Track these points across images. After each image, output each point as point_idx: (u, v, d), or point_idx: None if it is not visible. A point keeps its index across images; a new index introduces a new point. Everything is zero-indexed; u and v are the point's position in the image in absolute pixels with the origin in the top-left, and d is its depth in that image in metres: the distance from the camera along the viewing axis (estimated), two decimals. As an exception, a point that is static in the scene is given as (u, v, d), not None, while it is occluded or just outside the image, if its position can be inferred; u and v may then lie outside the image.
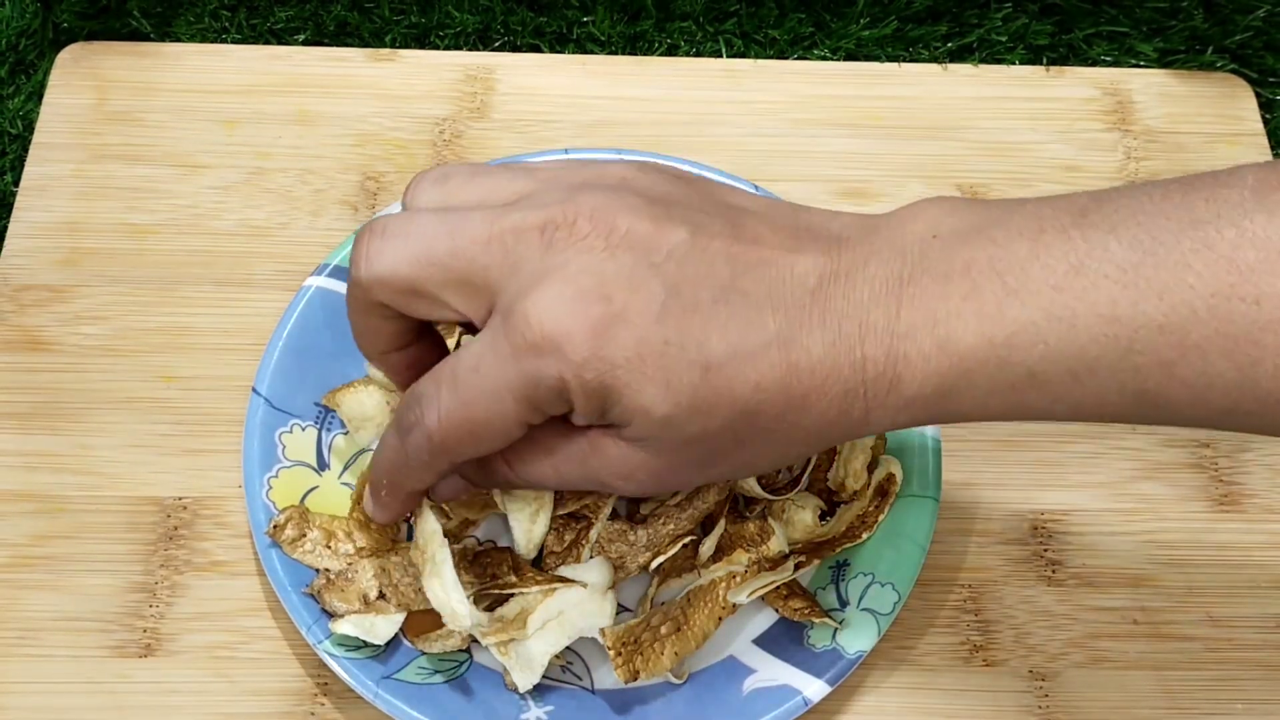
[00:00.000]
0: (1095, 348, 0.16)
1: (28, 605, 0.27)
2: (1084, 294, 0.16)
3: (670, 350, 0.18)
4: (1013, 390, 0.17)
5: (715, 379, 0.18)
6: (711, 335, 0.18)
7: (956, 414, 0.19)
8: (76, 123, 0.33)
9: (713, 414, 0.18)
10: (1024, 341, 0.17)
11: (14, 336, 0.30)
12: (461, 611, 0.23)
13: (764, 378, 0.18)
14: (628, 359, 0.18)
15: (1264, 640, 0.27)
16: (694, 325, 0.18)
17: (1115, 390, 0.17)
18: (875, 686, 0.26)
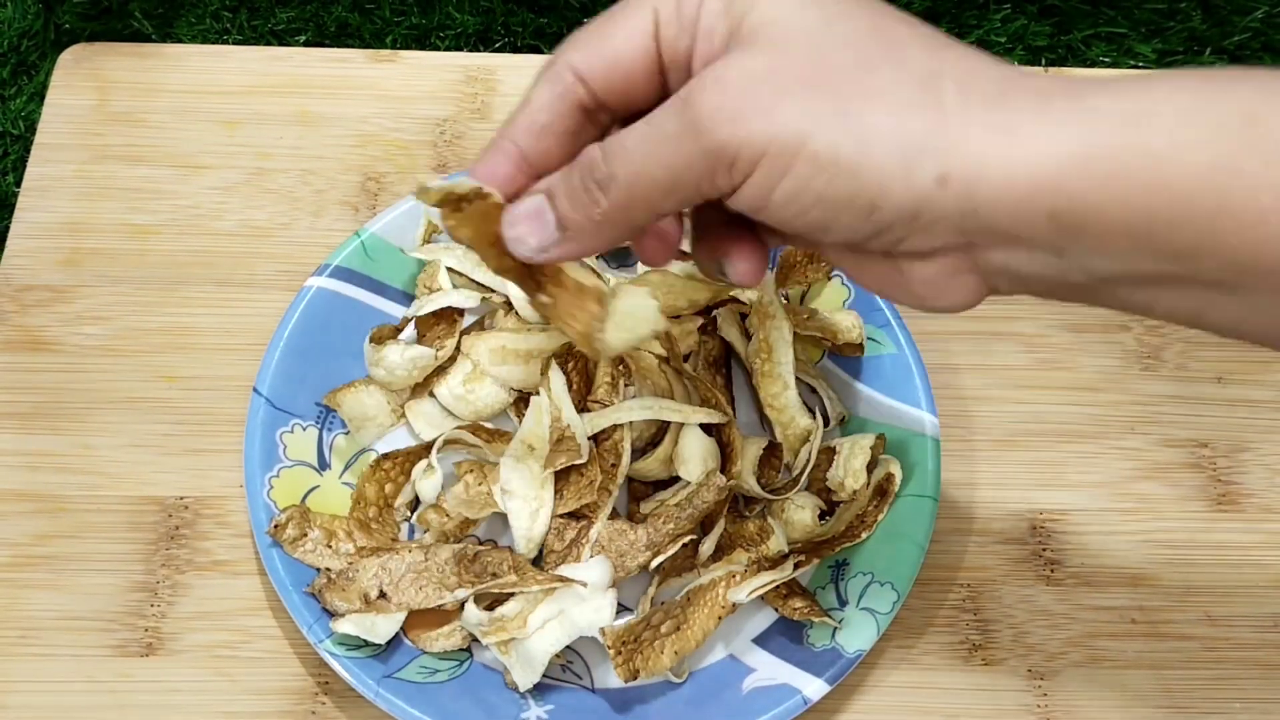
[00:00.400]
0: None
1: (30, 604, 0.27)
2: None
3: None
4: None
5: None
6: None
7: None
8: (78, 123, 0.33)
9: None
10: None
11: (16, 336, 0.30)
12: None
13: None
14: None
15: (1262, 639, 0.28)
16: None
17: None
18: (875, 685, 0.27)
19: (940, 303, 0.18)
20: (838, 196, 0.17)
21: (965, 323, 0.31)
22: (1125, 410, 0.30)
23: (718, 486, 0.26)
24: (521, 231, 0.19)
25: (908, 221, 0.17)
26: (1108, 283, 0.17)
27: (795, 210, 0.17)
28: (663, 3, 0.18)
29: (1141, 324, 0.32)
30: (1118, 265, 0.17)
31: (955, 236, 0.17)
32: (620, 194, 0.18)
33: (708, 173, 0.17)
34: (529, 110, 0.19)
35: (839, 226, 0.17)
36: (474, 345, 0.28)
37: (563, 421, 0.26)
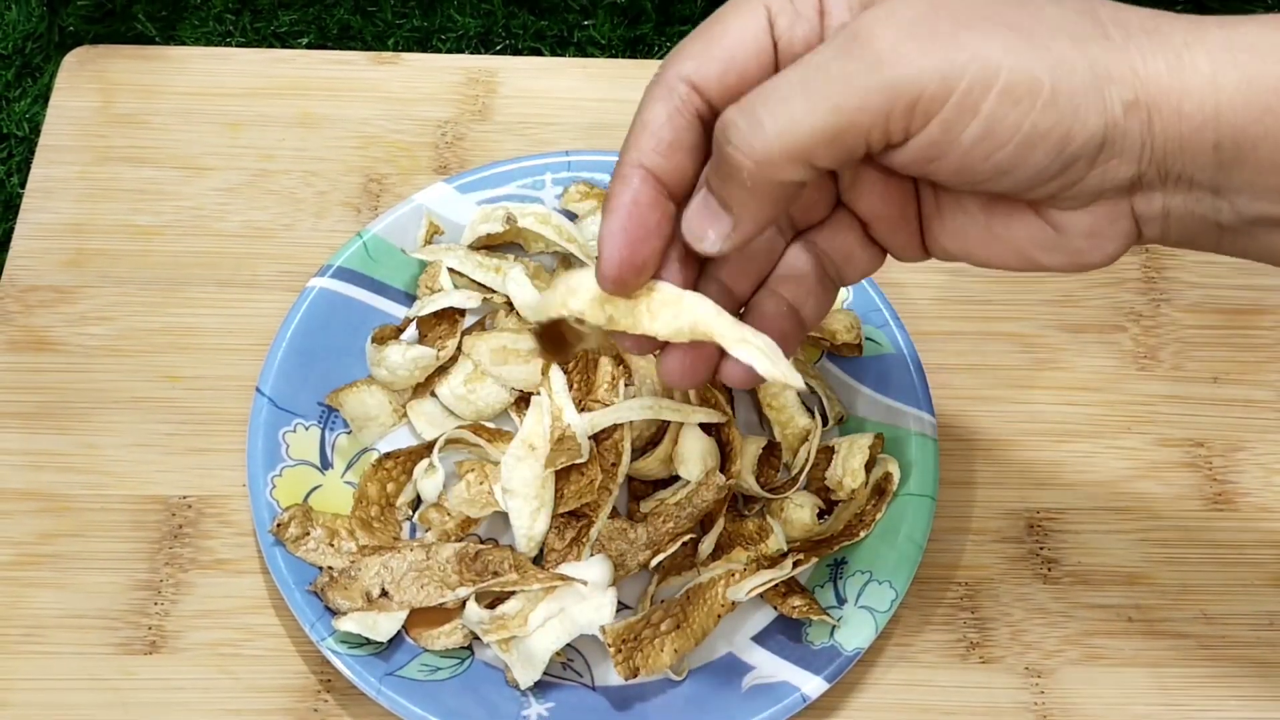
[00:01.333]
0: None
1: (34, 603, 0.27)
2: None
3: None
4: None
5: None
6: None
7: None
8: (82, 125, 0.33)
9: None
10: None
11: (20, 337, 0.30)
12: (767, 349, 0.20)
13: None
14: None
15: (1258, 637, 0.28)
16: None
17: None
18: (873, 683, 0.27)
19: (1096, 255, 0.17)
20: (1035, 130, 0.16)
21: (962, 323, 0.31)
22: (1122, 410, 0.30)
23: (717, 486, 0.26)
24: (698, 228, 0.18)
25: (1093, 155, 0.16)
26: (1255, 223, 0.17)
27: (985, 151, 0.16)
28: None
29: (1138, 324, 0.32)
30: (1266, 206, 0.16)
31: (1129, 172, 0.16)
32: (769, 146, 0.16)
33: (881, 115, 0.16)
34: (649, 131, 0.18)
35: (1026, 166, 0.16)
36: (475, 345, 0.29)
37: (563, 421, 0.26)
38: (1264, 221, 0.17)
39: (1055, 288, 0.32)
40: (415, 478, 0.27)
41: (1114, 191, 0.17)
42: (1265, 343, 0.31)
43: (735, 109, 0.17)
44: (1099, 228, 0.17)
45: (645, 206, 0.18)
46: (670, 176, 0.18)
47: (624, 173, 0.18)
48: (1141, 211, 0.17)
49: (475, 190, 0.31)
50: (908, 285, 0.31)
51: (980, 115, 0.16)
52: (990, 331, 0.31)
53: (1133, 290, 0.32)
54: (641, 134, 0.18)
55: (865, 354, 0.29)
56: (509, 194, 0.31)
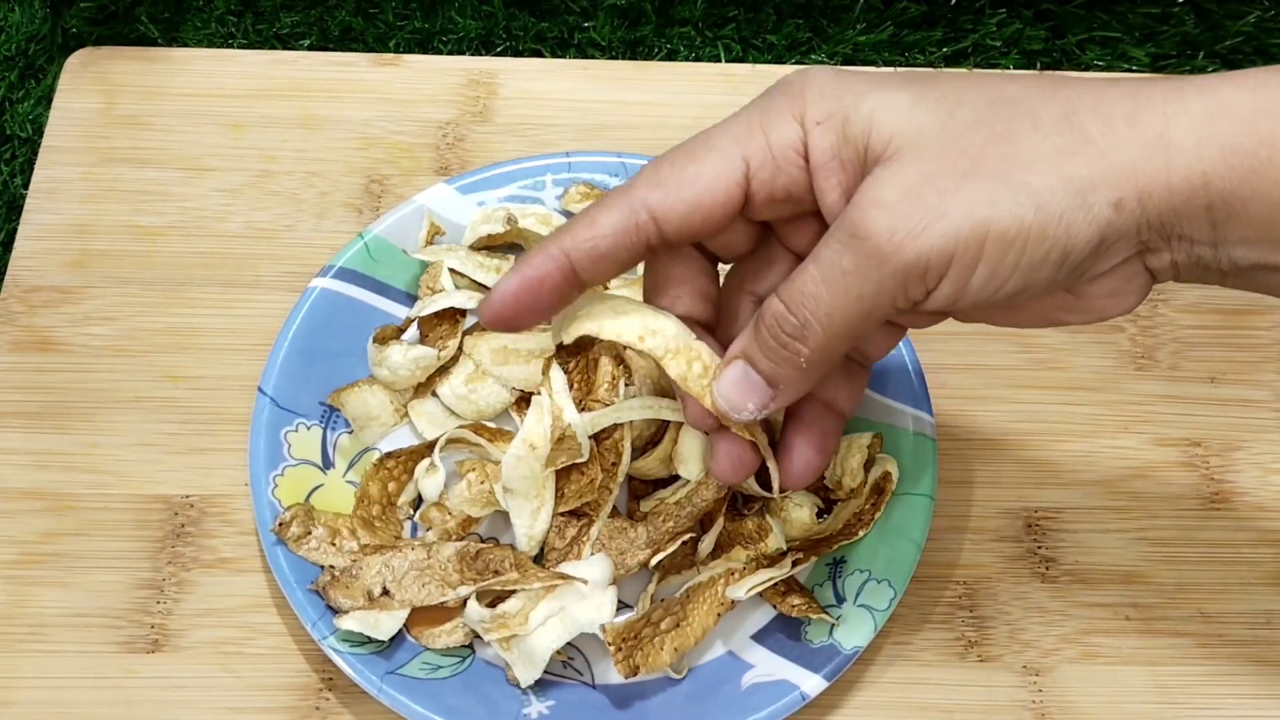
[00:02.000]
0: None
1: (37, 601, 0.27)
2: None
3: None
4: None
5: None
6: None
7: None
8: (85, 126, 0.33)
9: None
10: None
11: (24, 337, 0.30)
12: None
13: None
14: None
15: (1254, 636, 0.28)
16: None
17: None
18: (872, 682, 0.27)
19: (1118, 309, 0.19)
20: (1033, 260, 0.17)
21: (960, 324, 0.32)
22: (1119, 410, 0.30)
23: (716, 485, 0.26)
24: (737, 400, 0.20)
25: (1094, 253, 0.18)
26: (1253, 270, 0.18)
27: (993, 288, 0.18)
28: (753, 150, 0.18)
29: (1135, 324, 0.32)
30: (1260, 255, 0.18)
31: (1134, 247, 0.18)
32: (819, 338, 0.19)
33: (900, 290, 0.18)
34: (592, 232, 0.19)
35: (1036, 284, 0.18)
36: (476, 345, 0.29)
37: (564, 421, 0.26)
38: (1261, 268, 0.18)
39: (1053, 288, 0.32)
40: (416, 477, 0.28)
41: (1125, 260, 0.18)
42: (1262, 343, 0.31)
43: (779, 303, 0.19)
44: (1117, 288, 0.19)
45: (546, 287, 0.20)
46: (588, 274, 0.20)
47: (549, 250, 0.20)
48: (1153, 266, 0.19)
49: (476, 191, 0.31)
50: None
51: (982, 264, 0.17)
52: (988, 331, 0.31)
53: (1130, 291, 0.32)
54: (585, 230, 0.19)
55: (864, 354, 0.29)
56: (510, 195, 0.31)
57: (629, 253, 0.19)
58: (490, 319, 0.20)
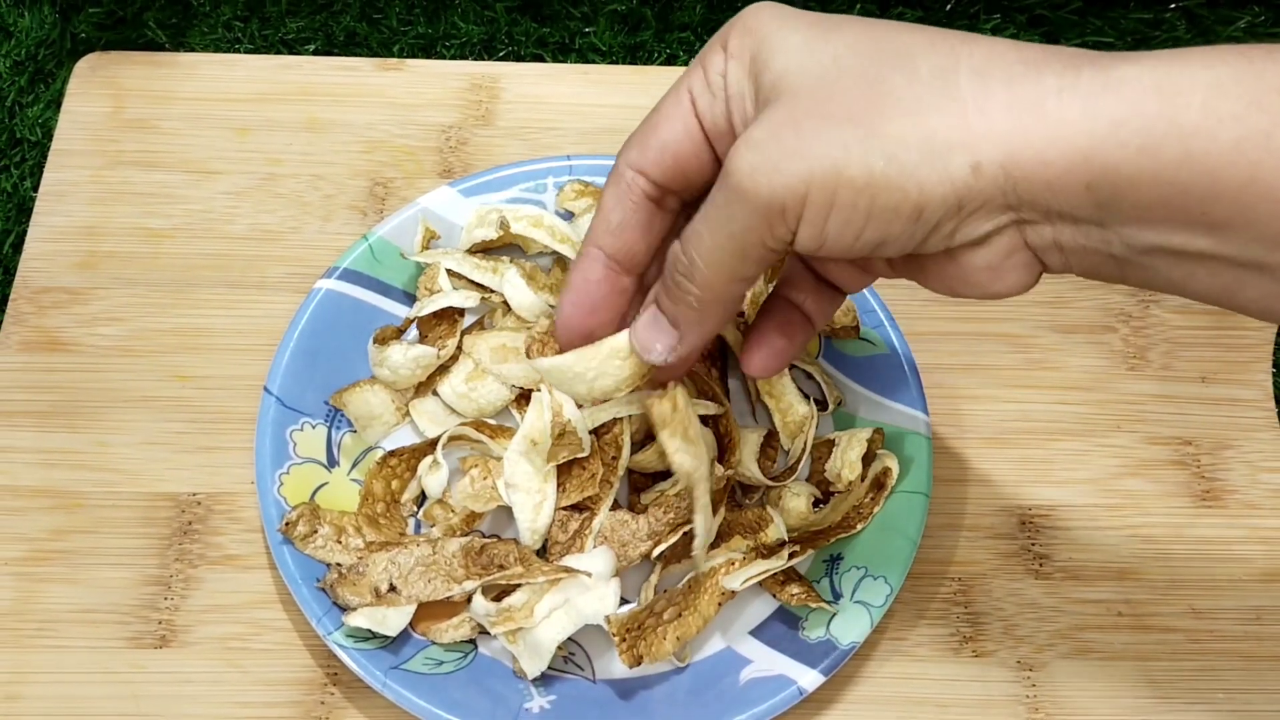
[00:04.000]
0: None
1: (46, 598, 0.27)
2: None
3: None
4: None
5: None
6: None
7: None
8: (94, 130, 0.34)
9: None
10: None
11: (33, 337, 0.31)
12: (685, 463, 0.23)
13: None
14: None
15: (1244, 632, 0.28)
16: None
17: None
18: (868, 676, 0.27)
19: (999, 286, 0.18)
20: (884, 210, 0.17)
21: (956, 324, 0.32)
22: (1112, 409, 0.31)
23: (716, 476, 0.26)
24: (646, 340, 0.20)
25: (954, 214, 0.17)
26: (1147, 254, 0.17)
27: (851, 236, 0.18)
28: (695, 81, 0.19)
29: (1128, 325, 0.32)
30: (1155, 238, 0.17)
31: (1003, 216, 0.17)
32: (703, 275, 0.19)
33: (766, 228, 0.18)
34: (602, 214, 0.20)
35: (894, 237, 0.18)
36: (475, 344, 0.29)
37: (564, 416, 0.27)
38: (1156, 252, 0.17)
39: (1047, 289, 0.33)
40: (419, 474, 0.28)
41: (1000, 230, 0.18)
42: (1252, 343, 0.32)
43: (677, 245, 0.19)
44: (995, 262, 0.18)
45: (595, 283, 0.20)
46: (621, 253, 0.20)
47: (583, 252, 0.21)
48: (1035, 243, 0.18)
49: (479, 194, 0.31)
50: (902, 286, 0.32)
51: (835, 210, 0.17)
52: (983, 332, 0.32)
53: (1123, 292, 0.33)
54: (599, 220, 0.21)
55: (861, 354, 0.30)
56: (511, 197, 0.31)
57: (636, 214, 0.20)
58: (565, 337, 0.21)
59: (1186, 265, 0.17)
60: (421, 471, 0.28)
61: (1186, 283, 0.18)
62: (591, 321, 0.21)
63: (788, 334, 0.21)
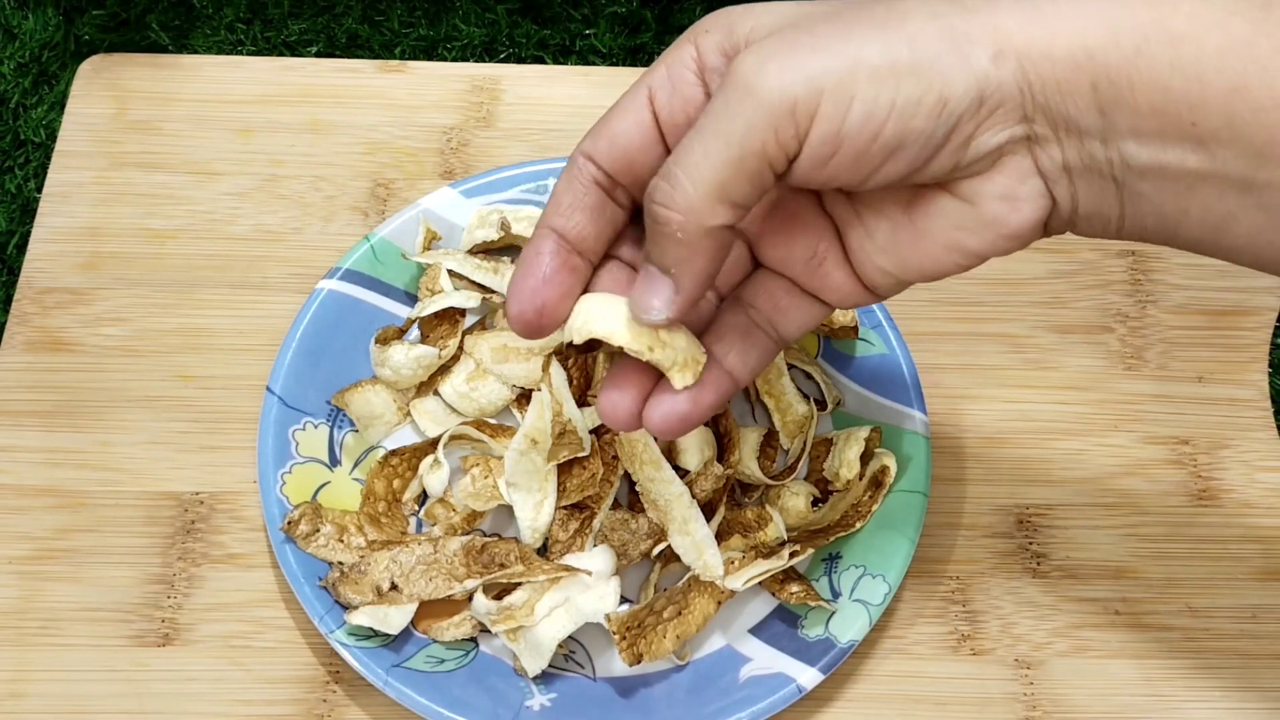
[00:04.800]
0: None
1: (50, 596, 0.28)
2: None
3: None
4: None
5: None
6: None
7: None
8: (97, 131, 0.34)
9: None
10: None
11: (37, 337, 0.31)
12: (714, 564, 0.24)
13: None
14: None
15: (1241, 630, 0.28)
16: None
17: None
18: (867, 674, 0.27)
19: (1015, 219, 0.18)
20: (908, 100, 0.17)
21: (954, 324, 0.32)
22: (1109, 409, 0.31)
23: (715, 475, 0.26)
24: (643, 300, 0.19)
25: (975, 110, 0.17)
26: (1144, 176, 0.17)
27: (870, 131, 0.17)
28: (656, 77, 0.19)
29: (1125, 325, 0.32)
30: (1151, 153, 0.17)
31: (1018, 123, 0.17)
32: (686, 195, 0.17)
33: (771, 130, 0.17)
34: (554, 198, 0.20)
35: (913, 137, 0.17)
36: (476, 344, 0.29)
37: (564, 416, 0.27)
38: (1152, 172, 0.17)
39: (1044, 290, 0.33)
40: (421, 473, 0.28)
41: (1013, 144, 0.18)
42: (1248, 343, 0.32)
43: (657, 175, 0.18)
44: (1010, 188, 0.18)
45: (545, 255, 0.20)
46: (571, 233, 0.20)
47: (535, 233, 0.20)
48: (1045, 168, 0.18)
49: (480, 195, 0.32)
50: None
51: (855, 100, 0.17)
52: (981, 332, 0.32)
53: (1119, 292, 0.33)
54: (550, 202, 0.20)
55: (860, 354, 0.30)
56: (512, 198, 0.32)
57: (586, 197, 0.20)
58: (515, 308, 0.20)
59: (1180, 191, 0.17)
60: (423, 471, 0.28)
61: (1179, 220, 0.17)
62: (543, 293, 0.20)
63: (693, 394, 0.19)
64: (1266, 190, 0.17)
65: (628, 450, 0.26)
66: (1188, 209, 0.17)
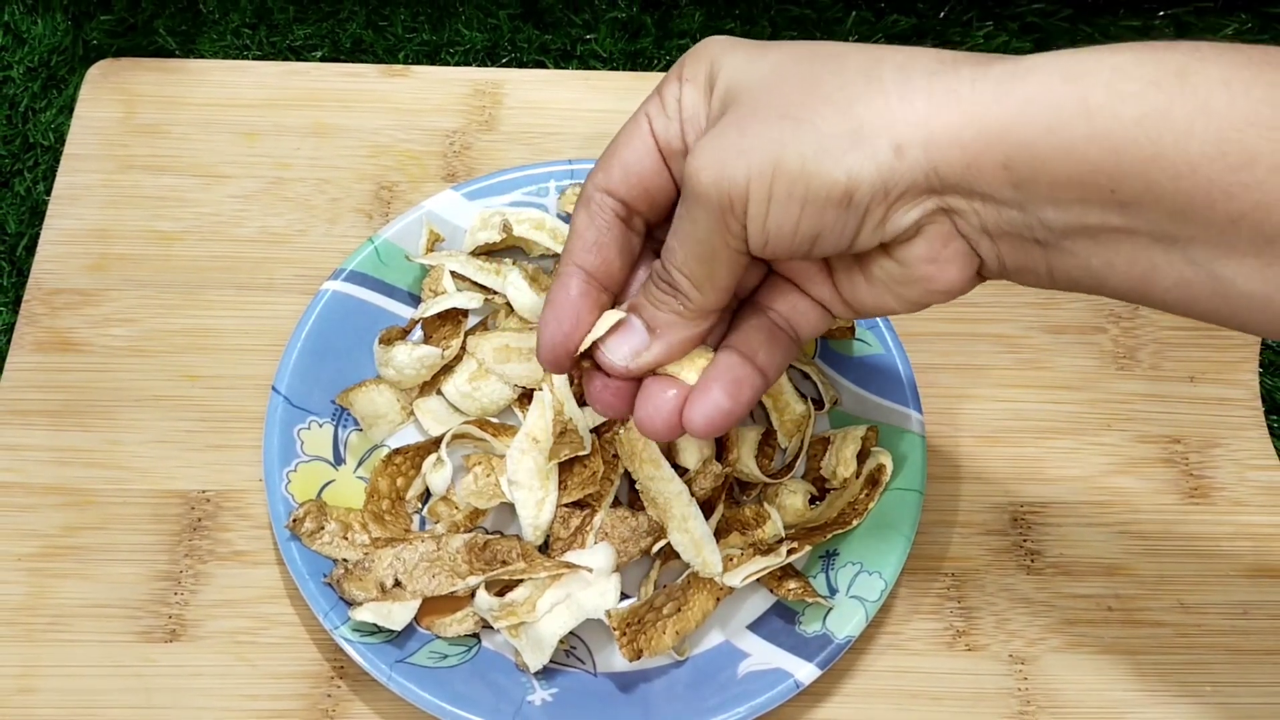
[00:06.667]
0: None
1: (59, 593, 0.28)
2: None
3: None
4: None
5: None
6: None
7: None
8: (105, 135, 0.34)
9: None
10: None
11: (46, 338, 0.31)
12: (713, 560, 0.25)
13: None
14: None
15: (1232, 626, 0.29)
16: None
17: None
18: (864, 670, 0.28)
19: (943, 278, 0.19)
20: (817, 197, 0.18)
21: (950, 325, 0.33)
22: (1102, 408, 0.31)
23: (714, 473, 0.27)
24: (616, 344, 0.21)
25: (882, 198, 0.18)
26: (1067, 237, 0.18)
27: (790, 226, 0.18)
28: (651, 107, 0.21)
29: (1118, 325, 0.33)
30: (1071, 217, 0.18)
31: (929, 200, 0.18)
32: (683, 281, 0.20)
33: (721, 226, 0.19)
34: (576, 234, 0.21)
35: (829, 227, 0.18)
36: (479, 344, 0.30)
37: (565, 415, 0.27)
38: (1074, 233, 0.18)
39: (1038, 291, 0.33)
40: (424, 472, 0.28)
41: (929, 217, 0.19)
42: (1239, 344, 0.32)
43: (660, 263, 0.20)
44: (934, 252, 0.19)
45: (575, 298, 0.21)
46: (599, 270, 0.21)
47: (561, 271, 0.21)
48: (966, 232, 0.19)
49: (482, 197, 0.32)
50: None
51: (774, 201, 0.18)
52: (976, 333, 0.32)
53: (1113, 294, 0.33)
54: (573, 240, 0.21)
55: (856, 354, 0.30)
56: (514, 201, 0.32)
57: (610, 231, 0.21)
58: (547, 359, 0.21)
59: (1104, 248, 0.18)
60: (426, 469, 0.28)
61: (1107, 274, 0.18)
62: (575, 336, 0.21)
63: (732, 390, 0.21)
64: (1190, 245, 0.17)
65: (628, 449, 0.27)
66: (1113, 262, 0.18)
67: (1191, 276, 0.17)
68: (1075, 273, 0.19)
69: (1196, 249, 0.17)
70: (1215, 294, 0.17)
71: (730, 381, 0.21)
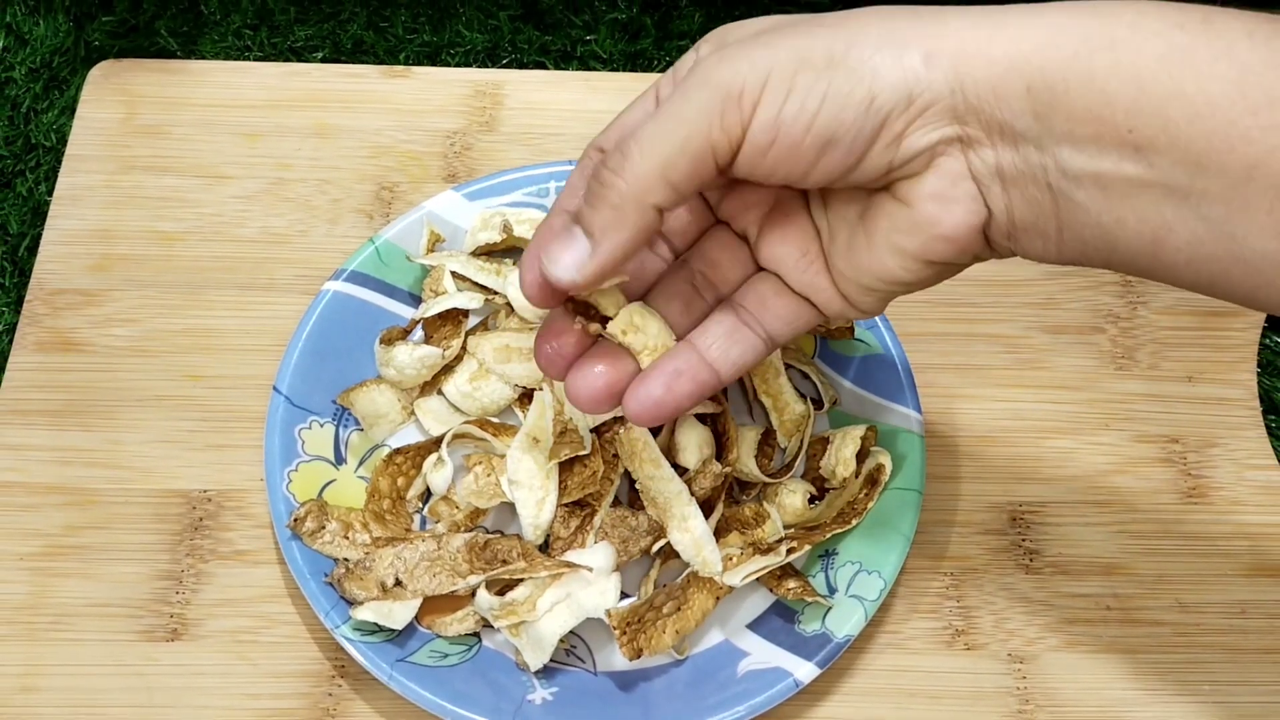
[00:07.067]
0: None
1: (61, 592, 0.28)
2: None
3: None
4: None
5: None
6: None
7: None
8: (107, 136, 0.34)
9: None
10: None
11: (48, 338, 0.31)
12: (713, 560, 0.25)
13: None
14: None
15: (1230, 625, 0.29)
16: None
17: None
18: (863, 669, 0.28)
19: (948, 220, 0.18)
20: (838, 93, 0.18)
21: (948, 325, 0.33)
22: (1100, 408, 0.31)
23: (714, 473, 0.27)
24: (555, 251, 0.20)
25: (904, 108, 0.18)
26: (1079, 184, 0.17)
27: (804, 122, 0.18)
28: (664, 78, 0.21)
29: (1116, 325, 0.33)
30: (1086, 160, 0.17)
31: (949, 124, 0.18)
32: (634, 166, 0.18)
33: (718, 114, 0.18)
34: (568, 186, 0.21)
35: (844, 131, 0.18)
36: (479, 344, 0.30)
37: (565, 415, 0.27)
38: (1087, 181, 0.18)
39: (1037, 291, 0.33)
40: (425, 471, 0.28)
41: (944, 148, 0.18)
42: (1237, 344, 0.32)
43: (612, 143, 0.20)
44: (942, 189, 0.19)
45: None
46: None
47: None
48: (978, 171, 0.18)
49: (482, 198, 0.32)
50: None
51: (793, 91, 0.18)
52: (975, 333, 0.32)
53: (1111, 293, 0.33)
54: (565, 190, 0.22)
55: (856, 354, 0.30)
56: (515, 201, 0.32)
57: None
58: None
59: (1116, 202, 0.17)
60: (427, 469, 0.28)
61: (1118, 233, 0.18)
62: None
63: (669, 383, 0.20)
64: (1204, 200, 0.17)
65: (628, 449, 0.27)
66: (1124, 219, 0.18)
67: (1204, 234, 0.17)
68: (1085, 232, 0.18)
69: (1210, 205, 0.17)
70: (1228, 253, 0.17)
71: (670, 373, 0.21)
